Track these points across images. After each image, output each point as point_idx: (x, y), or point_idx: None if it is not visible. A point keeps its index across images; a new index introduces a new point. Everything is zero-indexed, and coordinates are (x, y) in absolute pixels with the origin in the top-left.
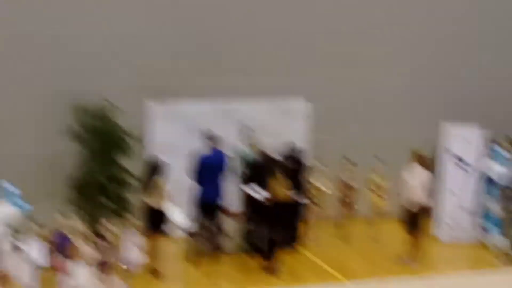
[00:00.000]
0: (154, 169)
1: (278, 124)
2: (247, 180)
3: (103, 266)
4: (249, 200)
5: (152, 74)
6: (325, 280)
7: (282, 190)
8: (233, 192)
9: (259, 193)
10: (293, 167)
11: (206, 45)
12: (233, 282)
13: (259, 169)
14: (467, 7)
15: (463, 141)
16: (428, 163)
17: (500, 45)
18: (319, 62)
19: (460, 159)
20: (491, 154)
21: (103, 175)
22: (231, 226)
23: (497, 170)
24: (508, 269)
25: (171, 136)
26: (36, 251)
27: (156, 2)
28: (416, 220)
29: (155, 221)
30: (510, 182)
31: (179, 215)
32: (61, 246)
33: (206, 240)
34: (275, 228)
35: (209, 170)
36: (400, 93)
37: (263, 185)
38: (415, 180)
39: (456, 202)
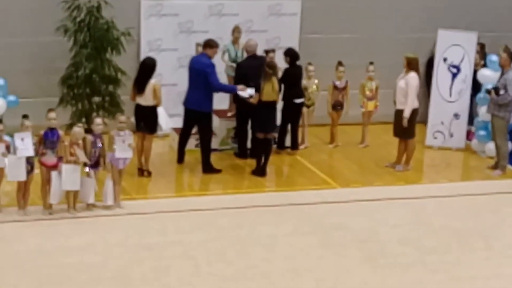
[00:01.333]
0: (147, 68)
1: (270, 24)
2: (237, 80)
3: (93, 164)
4: (238, 100)
5: None
6: (317, 185)
7: (272, 91)
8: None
9: (246, 93)
10: (288, 70)
11: None
12: (220, 183)
13: (249, 70)
14: None
15: (456, 47)
16: (418, 66)
17: None
18: None
19: (454, 66)
20: (485, 61)
21: (95, 73)
22: (221, 126)
23: (488, 75)
24: (495, 175)
25: (162, 34)
26: (26, 144)
27: None
28: (406, 124)
29: (146, 120)
30: (499, 88)
31: (164, 115)
32: (52, 143)
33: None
34: (262, 129)
35: (191, 74)
36: None
37: (253, 85)
38: (405, 84)
39: (447, 107)
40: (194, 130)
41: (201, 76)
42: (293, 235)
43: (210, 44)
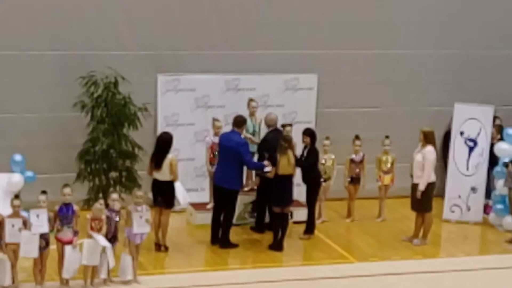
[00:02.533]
0: (163, 143)
1: (286, 98)
2: (263, 153)
3: (110, 239)
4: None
5: (161, 46)
6: (333, 259)
7: (288, 164)
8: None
9: (264, 166)
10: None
11: (216, 18)
12: (237, 258)
13: (274, 143)
14: None
15: (473, 120)
16: (434, 140)
17: None
18: (329, 36)
19: (470, 139)
20: (502, 134)
21: (112, 148)
22: (238, 201)
23: (505, 149)
24: None
25: (179, 109)
26: (41, 221)
27: None
28: (423, 198)
29: (163, 195)
30: None
31: (182, 190)
32: (67, 218)
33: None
34: (279, 203)
35: (222, 151)
36: (413, 70)
37: (270, 159)
38: (422, 157)
39: (464, 181)
40: (210, 205)
41: (234, 154)
42: None
43: (243, 122)
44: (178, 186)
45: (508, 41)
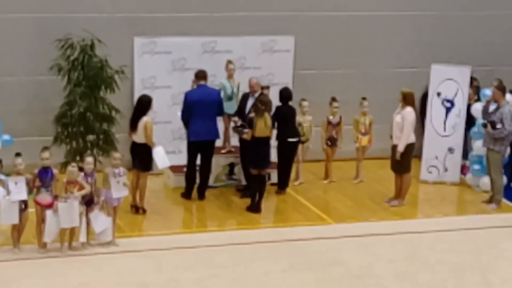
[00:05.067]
0: (140, 105)
1: (264, 60)
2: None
3: (88, 202)
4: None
5: (138, 9)
6: (311, 221)
7: (265, 127)
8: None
9: (240, 128)
10: (278, 109)
11: None
12: (215, 220)
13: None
14: None
15: (450, 81)
16: (413, 101)
17: None
18: None
19: (447, 100)
20: (479, 95)
21: (89, 111)
22: (216, 163)
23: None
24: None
25: (156, 72)
26: (19, 188)
27: None
28: (402, 159)
29: (139, 157)
30: (495, 121)
31: (162, 154)
32: (46, 182)
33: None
34: (256, 165)
35: (199, 107)
36: (389, 32)
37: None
38: (402, 118)
39: (442, 142)
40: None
41: (215, 106)
42: (289, 271)
43: (206, 75)
44: (158, 150)
45: (484, 2)
